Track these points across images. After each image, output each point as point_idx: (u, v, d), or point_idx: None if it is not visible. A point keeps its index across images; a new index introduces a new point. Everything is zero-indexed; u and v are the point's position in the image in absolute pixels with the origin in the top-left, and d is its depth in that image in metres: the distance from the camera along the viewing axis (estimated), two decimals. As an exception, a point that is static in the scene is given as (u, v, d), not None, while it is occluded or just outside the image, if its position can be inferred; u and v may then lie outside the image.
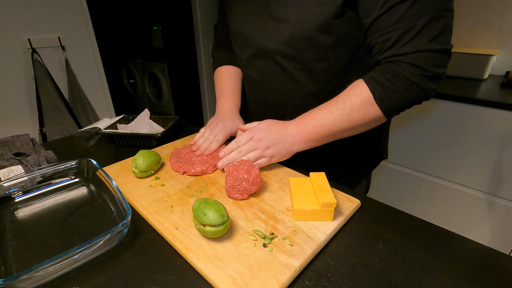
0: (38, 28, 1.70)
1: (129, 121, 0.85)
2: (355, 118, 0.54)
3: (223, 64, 0.85)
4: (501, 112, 1.11)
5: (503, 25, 1.42)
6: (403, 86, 0.51)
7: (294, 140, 0.59)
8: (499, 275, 0.38)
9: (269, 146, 0.58)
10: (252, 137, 0.60)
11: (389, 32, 0.50)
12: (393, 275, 0.38)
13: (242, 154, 0.59)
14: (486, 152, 1.20)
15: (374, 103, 0.52)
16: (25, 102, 1.76)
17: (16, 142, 0.68)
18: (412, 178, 1.46)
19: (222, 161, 0.60)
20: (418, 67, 0.49)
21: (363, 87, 0.53)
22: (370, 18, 0.51)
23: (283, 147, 0.59)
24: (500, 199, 1.23)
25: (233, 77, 0.82)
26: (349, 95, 0.54)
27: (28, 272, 0.33)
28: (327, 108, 0.56)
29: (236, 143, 0.61)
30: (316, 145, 0.60)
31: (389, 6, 0.48)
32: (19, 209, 0.51)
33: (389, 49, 0.51)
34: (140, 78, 3.21)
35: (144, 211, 0.49)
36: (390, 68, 0.51)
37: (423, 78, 0.50)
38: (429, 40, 0.48)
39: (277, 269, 0.38)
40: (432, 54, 0.49)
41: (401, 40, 0.49)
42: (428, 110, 1.29)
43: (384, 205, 0.52)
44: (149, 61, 2.98)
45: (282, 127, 0.60)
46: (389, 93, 0.51)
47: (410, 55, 0.49)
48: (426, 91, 0.52)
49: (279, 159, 0.60)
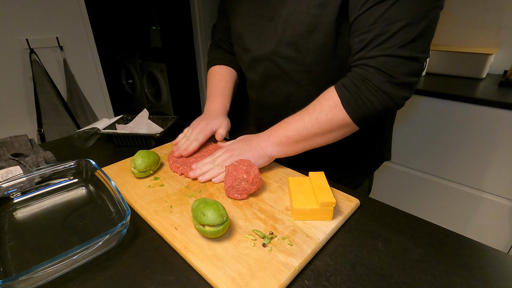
0: (36, 28, 1.69)
1: (128, 121, 0.85)
2: (323, 122, 0.53)
3: (217, 64, 0.84)
4: (499, 111, 1.12)
5: (501, 24, 1.42)
6: (369, 92, 0.49)
7: (265, 144, 0.60)
8: (498, 274, 0.38)
9: (242, 153, 0.59)
10: (226, 149, 0.61)
11: (364, 33, 0.48)
12: (393, 274, 0.38)
13: (216, 162, 0.59)
14: (485, 151, 1.20)
15: (342, 108, 0.51)
16: (23, 103, 1.75)
17: (14, 142, 0.68)
18: (411, 177, 1.46)
19: (194, 170, 0.59)
20: (384, 73, 0.48)
21: (332, 93, 0.53)
22: (352, 17, 0.51)
23: (256, 151, 0.59)
24: (498, 197, 1.23)
25: (225, 78, 0.82)
26: (319, 100, 0.55)
27: (27, 273, 0.33)
28: (299, 114, 0.57)
29: (212, 157, 0.62)
30: (289, 151, 0.59)
31: (368, 6, 0.47)
32: (18, 210, 0.51)
33: (360, 51, 0.50)
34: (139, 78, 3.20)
35: (143, 212, 0.49)
36: (358, 74, 0.50)
37: (391, 85, 0.48)
38: (400, 46, 0.46)
39: (276, 268, 0.38)
40: (401, 61, 0.47)
41: (372, 43, 0.48)
42: (425, 109, 1.29)
43: (383, 204, 0.52)
44: (148, 61, 2.97)
45: (255, 137, 0.62)
46: (356, 98, 0.50)
47: (379, 58, 0.48)
48: (394, 98, 0.49)
49: (255, 163, 0.58)
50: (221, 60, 0.84)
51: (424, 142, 1.35)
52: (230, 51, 0.86)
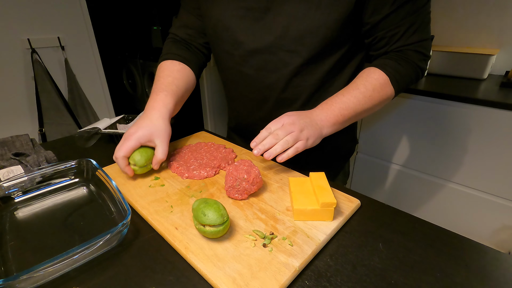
0: (37, 28, 1.70)
1: (129, 121, 0.85)
2: (375, 98, 0.61)
3: (169, 59, 0.74)
4: (500, 111, 1.11)
5: (503, 25, 1.42)
6: (412, 69, 0.62)
7: (322, 124, 0.59)
8: (498, 274, 0.38)
9: (303, 128, 0.56)
10: (282, 123, 0.57)
11: (397, 27, 0.59)
12: (393, 275, 0.38)
13: (279, 137, 0.54)
14: (486, 151, 1.20)
15: (390, 85, 0.61)
16: (24, 102, 1.76)
17: (15, 142, 0.68)
18: (412, 178, 1.46)
19: (257, 148, 0.55)
20: (421, 53, 0.61)
21: (380, 73, 0.61)
22: (379, 16, 0.58)
23: (315, 129, 0.58)
24: (499, 198, 1.23)
25: (174, 74, 0.71)
26: (368, 80, 0.61)
27: (27, 272, 0.33)
28: (348, 92, 0.61)
29: (267, 131, 0.57)
30: (340, 128, 0.63)
31: (397, 5, 0.57)
32: (19, 209, 0.51)
33: (398, 40, 0.60)
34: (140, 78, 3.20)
35: (144, 211, 0.49)
36: (400, 56, 0.61)
37: (424, 61, 0.63)
38: (425, 31, 0.61)
39: (277, 269, 0.38)
40: (427, 42, 0.62)
41: (408, 33, 0.59)
42: (427, 109, 1.29)
43: (384, 205, 0.52)
44: (149, 61, 2.97)
45: (308, 113, 0.60)
46: (402, 75, 0.61)
47: (416, 44, 0.60)
48: (423, 71, 0.64)
49: (313, 143, 0.58)
50: (176, 55, 0.74)
51: (425, 143, 1.35)
52: (189, 48, 0.78)
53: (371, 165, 1.58)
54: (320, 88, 0.69)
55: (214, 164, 0.62)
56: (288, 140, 0.54)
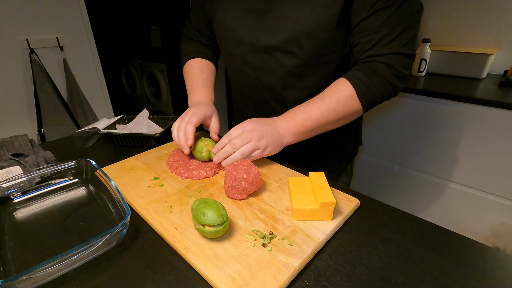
0: (36, 28, 1.69)
1: (128, 121, 0.85)
2: (339, 111, 0.59)
3: (195, 57, 0.80)
4: (499, 111, 1.12)
5: (501, 25, 1.42)
6: (380, 84, 0.58)
7: (284, 132, 0.60)
8: (498, 273, 0.38)
9: (263, 136, 0.57)
10: (243, 130, 0.59)
11: (373, 33, 0.56)
12: (393, 274, 0.38)
13: (236, 146, 0.57)
14: (485, 151, 1.20)
15: (356, 98, 0.58)
16: (23, 103, 1.75)
17: (14, 142, 0.68)
18: (411, 178, 1.46)
19: (217, 155, 0.59)
20: (392, 67, 0.56)
21: (346, 84, 0.58)
22: (358, 18, 0.56)
23: (275, 137, 0.59)
24: (499, 197, 1.23)
25: (205, 70, 0.78)
26: (334, 91, 0.59)
27: (27, 273, 0.33)
28: (314, 103, 0.60)
29: (228, 137, 0.59)
30: (303, 138, 0.62)
31: (375, 9, 0.54)
32: (18, 210, 0.51)
33: (370, 49, 0.57)
34: (139, 78, 3.20)
35: (143, 212, 0.49)
36: (369, 68, 0.58)
37: (395, 77, 0.57)
38: (403, 45, 0.55)
39: (276, 268, 0.38)
40: (403, 57, 0.56)
41: (381, 42, 0.55)
42: (426, 109, 1.29)
43: (383, 204, 0.52)
44: (148, 61, 2.97)
45: (271, 120, 0.61)
46: (369, 89, 0.58)
47: (387, 56, 0.56)
48: (396, 89, 0.59)
49: (271, 151, 0.59)
50: (198, 53, 0.81)
51: (425, 142, 1.35)
52: (205, 44, 0.83)
53: (370, 164, 1.58)
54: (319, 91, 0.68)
55: (214, 164, 0.62)
56: (243, 152, 0.57)
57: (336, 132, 0.67)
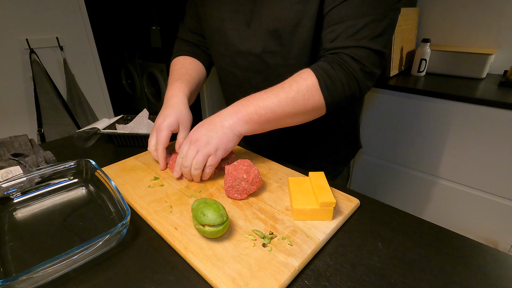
0: (36, 28, 1.69)
1: (128, 121, 0.85)
2: (299, 102, 0.53)
3: (180, 55, 0.79)
4: (499, 111, 1.12)
5: (501, 25, 1.42)
6: (345, 77, 0.53)
7: (231, 123, 0.55)
8: (498, 274, 0.38)
9: (208, 141, 0.54)
10: (189, 142, 0.56)
11: (336, 24, 0.53)
12: (393, 274, 0.38)
13: (188, 161, 0.55)
14: (485, 151, 1.20)
15: (318, 90, 0.53)
16: (23, 103, 1.75)
17: (14, 142, 0.68)
18: (411, 178, 1.46)
19: (175, 171, 0.58)
20: (358, 61, 0.52)
21: (309, 73, 0.54)
22: (327, 8, 0.54)
23: (221, 135, 0.54)
24: (499, 197, 1.23)
25: (186, 66, 0.76)
26: (295, 79, 0.54)
27: (27, 273, 0.33)
28: (272, 90, 0.55)
29: (180, 156, 0.57)
30: (258, 129, 0.56)
31: (340, 1, 0.51)
32: (18, 210, 0.51)
33: (334, 40, 0.53)
34: (139, 78, 3.20)
35: (143, 212, 0.49)
36: (334, 59, 0.53)
37: (362, 72, 0.53)
38: (369, 39, 0.51)
39: (276, 268, 0.38)
40: (369, 52, 0.52)
41: (344, 34, 0.52)
42: (426, 109, 1.29)
43: (383, 204, 0.52)
44: (148, 61, 2.97)
45: (215, 117, 0.57)
46: (333, 81, 0.53)
47: (351, 49, 0.52)
48: (362, 86, 0.54)
49: (225, 149, 0.55)
50: (186, 51, 0.79)
51: (425, 142, 1.35)
52: (197, 45, 0.82)
53: (370, 164, 1.58)
54: None
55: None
56: (196, 166, 0.54)
57: (328, 133, 0.65)
